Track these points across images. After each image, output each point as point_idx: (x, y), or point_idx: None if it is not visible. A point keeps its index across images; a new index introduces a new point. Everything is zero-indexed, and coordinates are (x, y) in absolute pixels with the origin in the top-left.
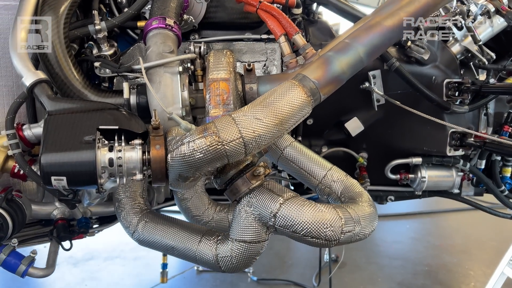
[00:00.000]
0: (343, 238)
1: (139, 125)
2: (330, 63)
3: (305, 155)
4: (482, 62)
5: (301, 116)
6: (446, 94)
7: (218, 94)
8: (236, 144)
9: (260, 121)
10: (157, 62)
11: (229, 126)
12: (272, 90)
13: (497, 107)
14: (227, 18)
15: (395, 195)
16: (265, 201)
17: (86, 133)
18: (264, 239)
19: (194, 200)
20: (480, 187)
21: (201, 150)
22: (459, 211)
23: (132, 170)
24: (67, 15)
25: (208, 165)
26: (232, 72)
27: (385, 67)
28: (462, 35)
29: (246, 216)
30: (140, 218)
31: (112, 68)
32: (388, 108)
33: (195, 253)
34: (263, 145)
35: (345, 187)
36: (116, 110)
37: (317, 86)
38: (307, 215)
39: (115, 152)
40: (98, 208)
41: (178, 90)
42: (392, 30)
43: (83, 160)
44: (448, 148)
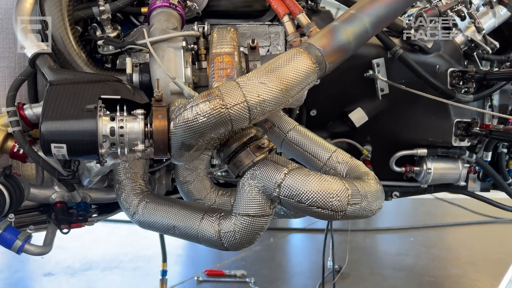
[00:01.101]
0: (349, 210)
1: (141, 97)
2: (336, 32)
3: (309, 138)
4: (486, 51)
5: (306, 84)
6: (450, 83)
7: (221, 68)
8: (240, 108)
9: (265, 85)
10: (160, 37)
11: (234, 90)
12: (278, 57)
13: (502, 99)
14: (230, 6)
15: (400, 190)
16: (269, 172)
17: (88, 102)
18: (269, 214)
19: (196, 184)
20: (487, 181)
21: (205, 114)
22: (464, 225)
23: (134, 141)
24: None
25: (211, 131)
26: (236, 47)
27: (388, 55)
28: (465, 25)
29: (250, 189)
30: (141, 199)
31: (115, 44)
32: (392, 98)
33: (197, 231)
34: (267, 110)
35: (350, 168)
36: (119, 82)
37: (322, 54)
38: (313, 185)
39: (117, 121)
40: (98, 194)
41: (181, 64)
42: (397, 0)
43: (84, 129)
44: (453, 138)
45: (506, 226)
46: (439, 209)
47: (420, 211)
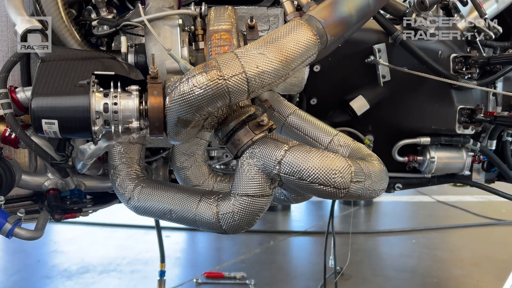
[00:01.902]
0: (352, 188)
1: (137, 74)
2: (337, 4)
3: (309, 122)
4: (489, 37)
5: (307, 58)
6: (453, 69)
7: (219, 45)
8: (238, 80)
9: (264, 56)
10: (156, 14)
11: (231, 61)
12: (277, 29)
13: (506, 86)
14: None
15: (403, 182)
16: (269, 149)
17: (81, 78)
18: (269, 194)
19: (193, 170)
20: (492, 171)
21: (202, 86)
22: (466, 227)
23: (128, 118)
24: None
25: (209, 104)
26: (233, 24)
27: (390, 40)
28: (467, 11)
29: (249, 168)
30: (137, 184)
31: (110, 23)
32: (394, 85)
33: (194, 214)
34: (267, 83)
35: (353, 150)
36: (113, 60)
37: (323, 25)
38: (315, 161)
39: (111, 98)
40: (92, 182)
41: (177, 42)
42: None
43: (76, 104)
44: (457, 125)
45: (508, 228)
46: (441, 212)
47: (422, 214)
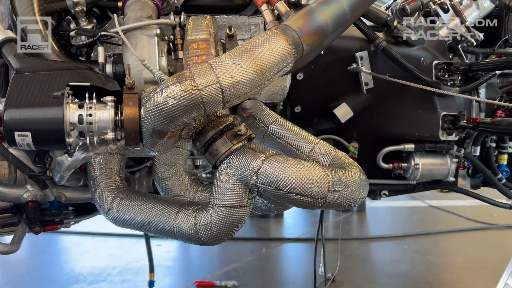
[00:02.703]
0: (330, 197)
1: (113, 85)
2: (312, 13)
3: (291, 131)
4: (471, 43)
5: (282, 67)
6: (435, 75)
7: (197, 55)
8: (212, 90)
9: (239, 66)
10: (133, 24)
11: (206, 71)
12: (253, 39)
13: (489, 92)
14: (210, 0)
15: (389, 189)
16: (246, 159)
17: (55, 90)
18: (247, 204)
19: (174, 180)
20: (477, 177)
21: (175, 96)
22: (458, 232)
23: (104, 129)
24: None
25: (183, 115)
26: (212, 34)
27: (372, 48)
28: (448, 18)
29: (227, 179)
30: (116, 195)
31: (87, 33)
32: (377, 92)
33: (172, 225)
34: (242, 93)
35: (333, 159)
36: (90, 70)
37: (299, 35)
38: (292, 171)
39: (86, 109)
40: (73, 194)
41: (155, 52)
42: None
43: (50, 116)
44: (440, 132)
45: (499, 232)
46: (433, 216)
47: (414, 219)
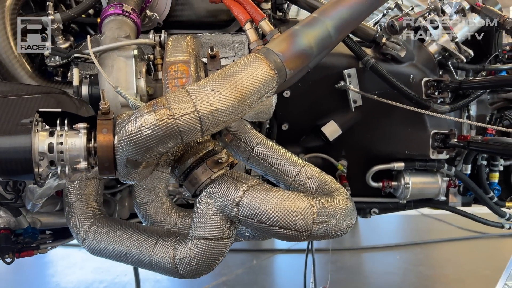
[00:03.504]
0: (315, 229)
1: (87, 110)
2: (296, 36)
3: (276, 153)
4: (461, 60)
5: (264, 93)
6: (425, 93)
7: (176, 77)
8: (189, 119)
9: (218, 93)
10: (109, 45)
11: (182, 99)
12: (233, 63)
13: (479, 109)
14: (194, 16)
15: (379, 207)
16: (227, 189)
17: (25, 117)
18: (228, 236)
19: (154, 205)
20: (468, 195)
21: (150, 126)
22: (450, 241)
23: (76, 158)
24: (15, 4)
25: (159, 145)
26: (192, 55)
27: (360, 65)
28: (438, 34)
29: (207, 209)
30: (92, 223)
31: (62, 54)
32: (366, 110)
33: (150, 257)
34: (222, 121)
35: (320, 183)
36: (63, 94)
37: (281, 59)
38: (274, 202)
39: (56, 137)
40: (49, 219)
41: (132, 74)
42: (360, 3)
43: (17, 145)
44: (431, 150)
45: (492, 241)
46: (425, 225)
47: (407, 228)
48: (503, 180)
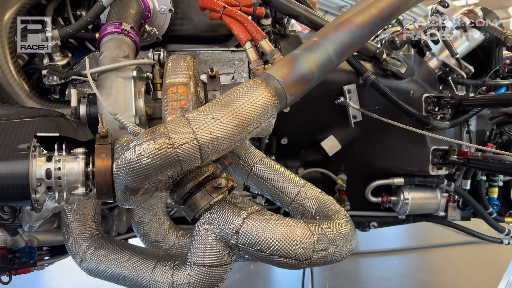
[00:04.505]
0: (315, 257)
1: (85, 133)
2: (296, 61)
3: (276, 172)
4: (461, 76)
5: (265, 119)
6: (425, 109)
7: (175, 100)
8: (189, 147)
9: (218, 121)
10: (107, 66)
11: (182, 127)
12: (233, 89)
13: (479, 124)
14: (193, 31)
15: (378, 220)
16: (227, 216)
17: (22, 141)
18: (227, 262)
19: (153, 224)
20: (467, 210)
21: (149, 155)
22: (447, 246)
23: (73, 183)
24: (14, 19)
25: (158, 173)
26: (192, 77)
27: (360, 81)
28: (439, 50)
29: (206, 235)
30: (90, 244)
31: (60, 74)
32: (365, 125)
33: (148, 281)
34: (222, 149)
35: (320, 204)
36: (60, 117)
37: (282, 85)
38: (274, 231)
39: (54, 162)
40: (46, 236)
41: (131, 96)
42: (362, 26)
43: (14, 171)
44: (430, 166)
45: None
46: (422, 229)
47: (403, 232)
48: (503, 195)
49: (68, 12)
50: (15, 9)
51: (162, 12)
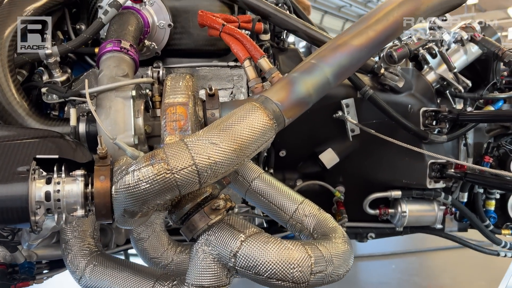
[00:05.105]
0: (313, 279)
1: (84, 154)
2: (294, 84)
3: (274, 188)
4: (458, 90)
5: (263, 142)
6: (423, 123)
7: (174, 120)
8: (188, 172)
9: (216, 146)
10: (106, 86)
11: (180, 152)
12: (231, 113)
13: (476, 137)
14: (192, 45)
15: (375, 232)
16: (225, 238)
17: (22, 164)
18: (225, 284)
19: (151, 241)
20: (464, 221)
21: (148, 180)
22: (445, 249)
23: (73, 205)
24: (13, 37)
25: (156, 198)
26: (191, 97)
27: (358, 95)
28: (436, 64)
29: (204, 256)
30: (89, 261)
31: (59, 93)
32: (363, 138)
33: None
34: (220, 173)
35: (318, 222)
36: (60, 138)
37: (280, 108)
38: (272, 254)
39: (53, 184)
40: (45, 251)
41: (130, 116)
42: (360, 49)
43: (14, 194)
44: (428, 180)
45: None
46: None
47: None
48: (499, 207)
49: (68, 26)
50: (15, 25)
51: (161, 27)
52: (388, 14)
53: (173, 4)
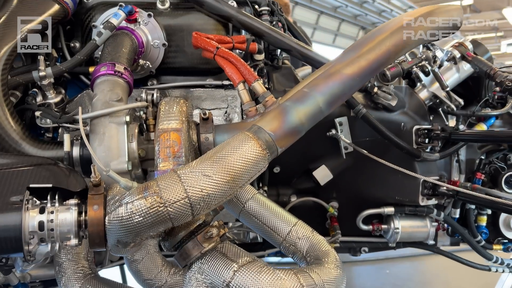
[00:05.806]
0: None
1: (78, 182)
2: (287, 113)
3: (268, 209)
4: (451, 108)
5: (256, 171)
6: (416, 141)
7: (168, 146)
8: (180, 205)
9: (209, 178)
10: (100, 112)
11: (173, 185)
12: (224, 143)
13: (469, 153)
14: (187, 63)
15: (369, 246)
16: (218, 267)
17: (16, 193)
18: None
19: (145, 262)
20: (456, 236)
21: (141, 213)
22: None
23: (66, 234)
24: (7, 60)
25: (149, 230)
26: (184, 122)
27: (352, 113)
28: (429, 81)
29: (197, 284)
30: (82, 285)
31: (53, 118)
32: (357, 155)
33: None
34: (213, 205)
35: (311, 245)
36: (54, 166)
37: (273, 138)
38: (265, 285)
39: (47, 214)
40: (39, 272)
41: (124, 142)
42: (352, 78)
43: (7, 224)
44: (420, 197)
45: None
46: None
47: None
48: (491, 223)
49: (62, 44)
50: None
51: (156, 46)
52: (380, 43)
53: (167, 23)
